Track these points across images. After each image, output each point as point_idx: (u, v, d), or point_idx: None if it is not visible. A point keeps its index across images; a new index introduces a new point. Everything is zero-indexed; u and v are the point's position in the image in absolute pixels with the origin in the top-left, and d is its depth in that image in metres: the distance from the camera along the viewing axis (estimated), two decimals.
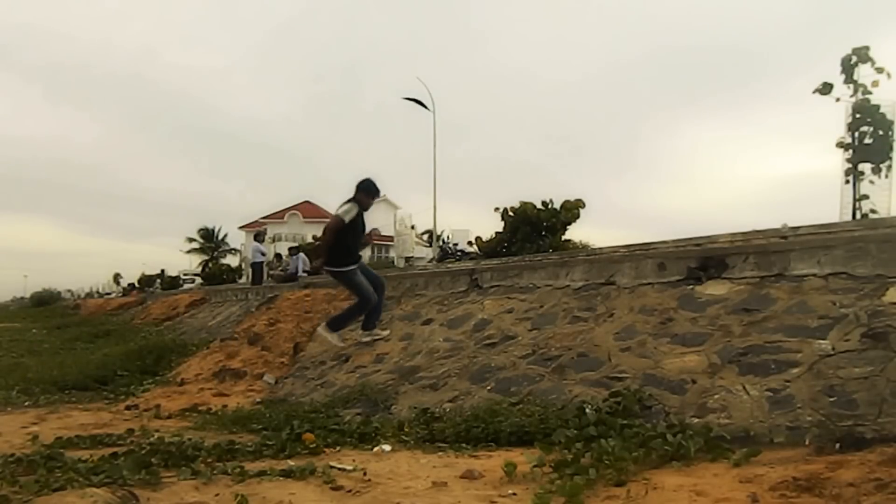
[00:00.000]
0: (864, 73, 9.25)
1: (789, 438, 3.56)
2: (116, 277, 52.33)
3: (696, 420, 3.96)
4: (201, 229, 54.12)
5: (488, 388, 5.42)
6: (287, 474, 3.45)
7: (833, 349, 3.97)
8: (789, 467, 2.99)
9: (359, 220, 6.58)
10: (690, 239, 6.28)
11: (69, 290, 57.34)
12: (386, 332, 7.36)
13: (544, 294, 6.64)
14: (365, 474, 3.51)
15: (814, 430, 3.52)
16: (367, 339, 7.24)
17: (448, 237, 25.83)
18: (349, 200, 6.56)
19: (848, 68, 9.33)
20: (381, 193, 6.78)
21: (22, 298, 66.93)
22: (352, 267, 6.62)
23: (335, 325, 7.06)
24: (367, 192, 6.60)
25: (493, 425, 4.43)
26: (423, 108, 24.53)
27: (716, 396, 4.11)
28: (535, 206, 13.35)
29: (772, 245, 5.14)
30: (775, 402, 3.84)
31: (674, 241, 6.50)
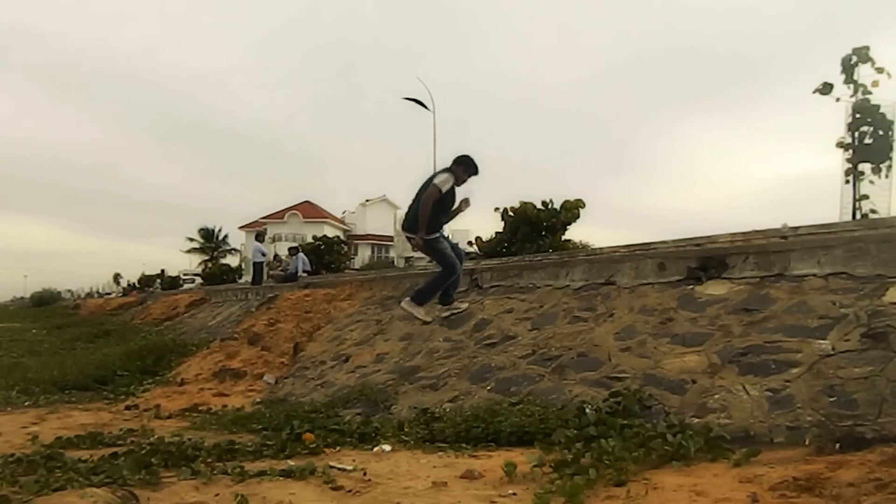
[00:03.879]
0: (864, 73, 9.26)
1: (789, 438, 3.55)
2: (116, 277, 52.37)
3: (696, 420, 3.96)
4: (201, 229, 54.11)
5: (488, 388, 5.42)
6: (287, 474, 3.45)
7: (833, 349, 3.97)
8: (789, 467, 2.99)
9: (451, 193, 6.54)
10: (690, 239, 6.28)
11: (69, 290, 57.37)
12: (465, 306, 7.14)
13: (544, 294, 6.64)
14: (365, 474, 3.51)
15: (814, 430, 3.52)
16: (447, 313, 7.05)
17: (448, 237, 25.84)
18: (446, 170, 6.54)
19: (848, 68, 9.33)
20: (480, 173, 6.68)
21: (22, 298, 66.92)
22: (437, 235, 6.66)
23: (420, 298, 6.94)
24: (466, 166, 6.56)
25: (493, 425, 4.43)
26: (423, 108, 24.53)
27: (716, 396, 4.11)
28: (535, 206, 13.33)
29: (772, 245, 5.14)
30: (775, 402, 3.84)
31: (674, 241, 6.50)
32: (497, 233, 14.09)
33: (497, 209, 13.94)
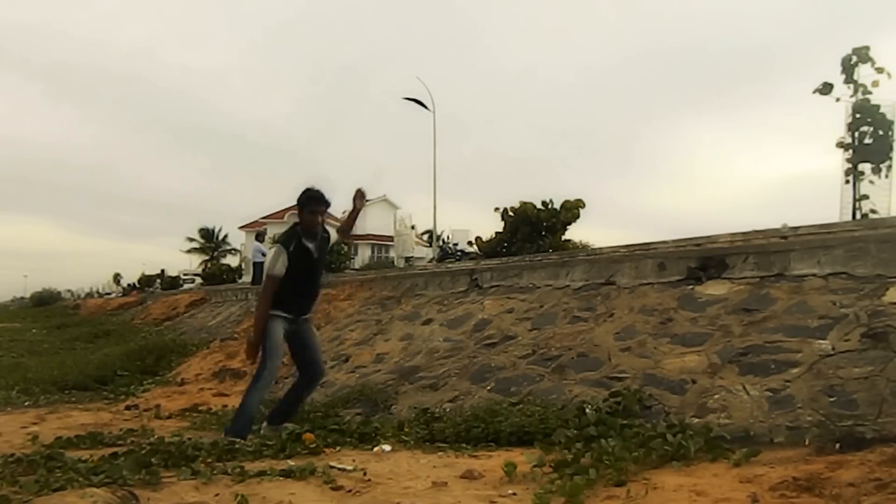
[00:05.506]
0: (864, 73, 9.24)
1: (789, 438, 3.56)
2: (116, 277, 52.32)
3: (696, 420, 3.96)
4: (201, 229, 54.12)
5: (488, 388, 5.42)
6: (287, 474, 3.44)
7: (833, 349, 3.97)
8: (789, 467, 2.99)
9: (302, 251, 4.70)
10: (690, 239, 6.28)
11: (69, 290, 57.37)
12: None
13: (544, 294, 6.64)
14: (365, 474, 3.50)
15: (814, 430, 3.52)
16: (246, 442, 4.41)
17: (448, 237, 25.82)
18: (283, 236, 4.90)
19: (848, 68, 9.33)
20: (329, 202, 4.84)
21: (22, 298, 66.94)
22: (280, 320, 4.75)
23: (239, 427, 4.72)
24: (310, 204, 4.75)
25: (493, 425, 4.43)
26: (423, 108, 24.52)
27: (716, 396, 4.11)
28: (535, 206, 13.33)
29: (772, 245, 5.14)
30: (775, 402, 3.84)
31: (674, 241, 6.49)
32: (497, 233, 14.09)
33: (497, 209, 13.94)
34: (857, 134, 9.19)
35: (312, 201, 4.74)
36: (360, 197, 5.15)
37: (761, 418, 3.78)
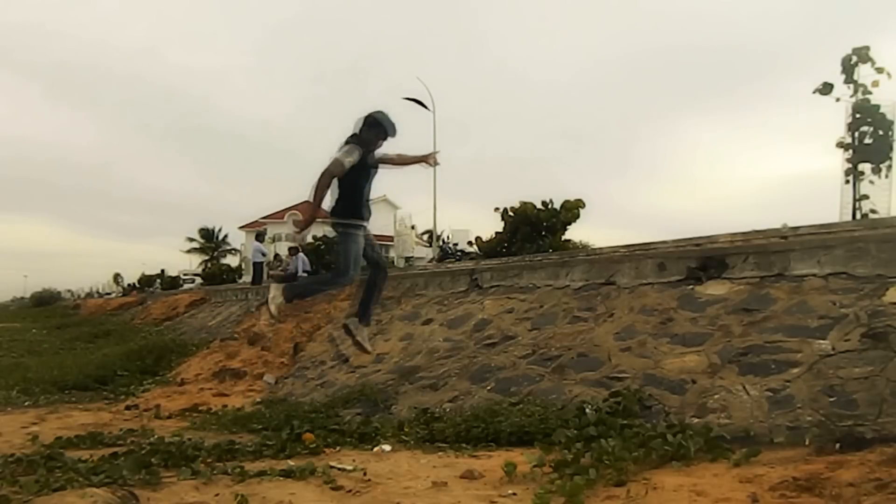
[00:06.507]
0: (864, 73, 9.23)
1: (789, 438, 3.56)
2: (116, 277, 52.27)
3: (696, 420, 3.96)
4: (201, 229, 54.05)
5: (488, 388, 5.42)
6: (287, 474, 3.45)
7: (833, 349, 3.97)
8: (789, 467, 2.99)
9: (363, 166, 4.74)
10: (690, 239, 6.27)
11: (69, 290, 57.31)
12: (370, 352, 5.41)
13: (544, 294, 6.64)
14: (365, 474, 3.51)
15: (814, 430, 3.52)
16: (349, 341, 5.40)
17: (448, 237, 25.79)
18: (351, 138, 4.77)
19: (848, 68, 9.32)
20: (396, 133, 4.85)
21: (22, 298, 66.89)
22: (354, 230, 4.84)
23: (292, 293, 5.03)
24: (378, 129, 4.75)
25: (493, 425, 4.43)
26: (422, 108, 24.50)
27: (716, 396, 4.11)
28: (535, 206, 13.32)
29: (772, 245, 5.14)
30: (775, 402, 3.84)
31: (674, 241, 6.49)
32: (497, 233, 14.08)
33: (497, 209, 13.93)
34: (857, 134, 9.19)
35: (382, 128, 4.76)
36: (433, 159, 5.13)
37: (761, 418, 3.78)
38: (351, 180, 4.70)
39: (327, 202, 4.83)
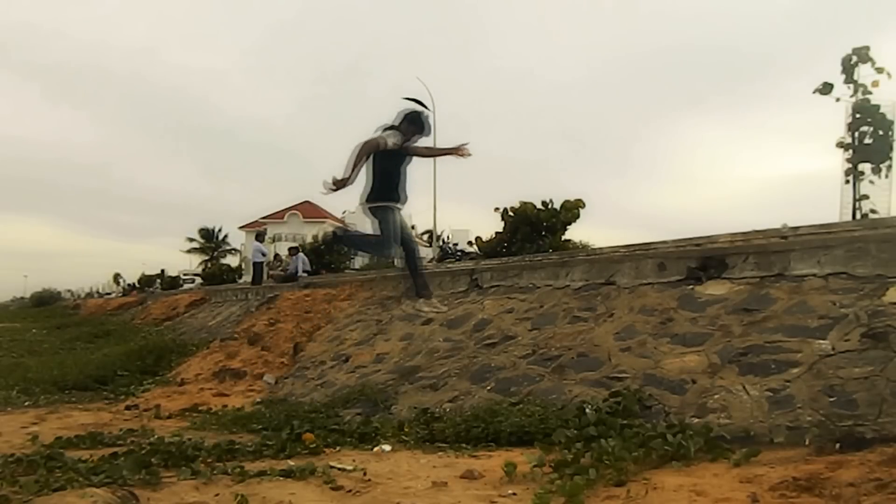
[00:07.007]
0: (864, 73, 9.23)
1: (789, 438, 3.56)
2: (116, 277, 52.26)
3: (696, 420, 3.96)
4: (201, 229, 54.09)
5: (488, 388, 5.42)
6: (287, 474, 3.45)
7: (833, 349, 3.97)
8: (789, 467, 2.99)
9: (397, 153, 5.11)
10: (690, 239, 6.27)
11: (69, 290, 57.30)
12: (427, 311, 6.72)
13: (544, 294, 6.64)
14: (365, 474, 3.51)
15: (814, 430, 3.52)
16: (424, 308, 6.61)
17: (448, 237, 25.81)
18: (392, 127, 5.17)
19: (848, 68, 9.32)
20: (429, 132, 5.31)
21: (22, 298, 66.86)
22: (387, 204, 5.24)
23: (343, 233, 6.12)
24: (415, 125, 5.20)
25: (493, 425, 4.43)
26: (423, 108, 24.50)
27: (716, 396, 4.11)
28: (535, 206, 13.32)
29: (772, 245, 5.14)
30: (775, 402, 3.84)
31: (674, 241, 6.49)
32: (497, 233, 14.07)
33: (497, 209, 13.92)
34: (857, 134, 9.19)
35: (419, 125, 5.20)
36: (463, 151, 5.27)
37: (761, 418, 3.78)
38: (384, 167, 5.10)
39: (361, 184, 5.19)
